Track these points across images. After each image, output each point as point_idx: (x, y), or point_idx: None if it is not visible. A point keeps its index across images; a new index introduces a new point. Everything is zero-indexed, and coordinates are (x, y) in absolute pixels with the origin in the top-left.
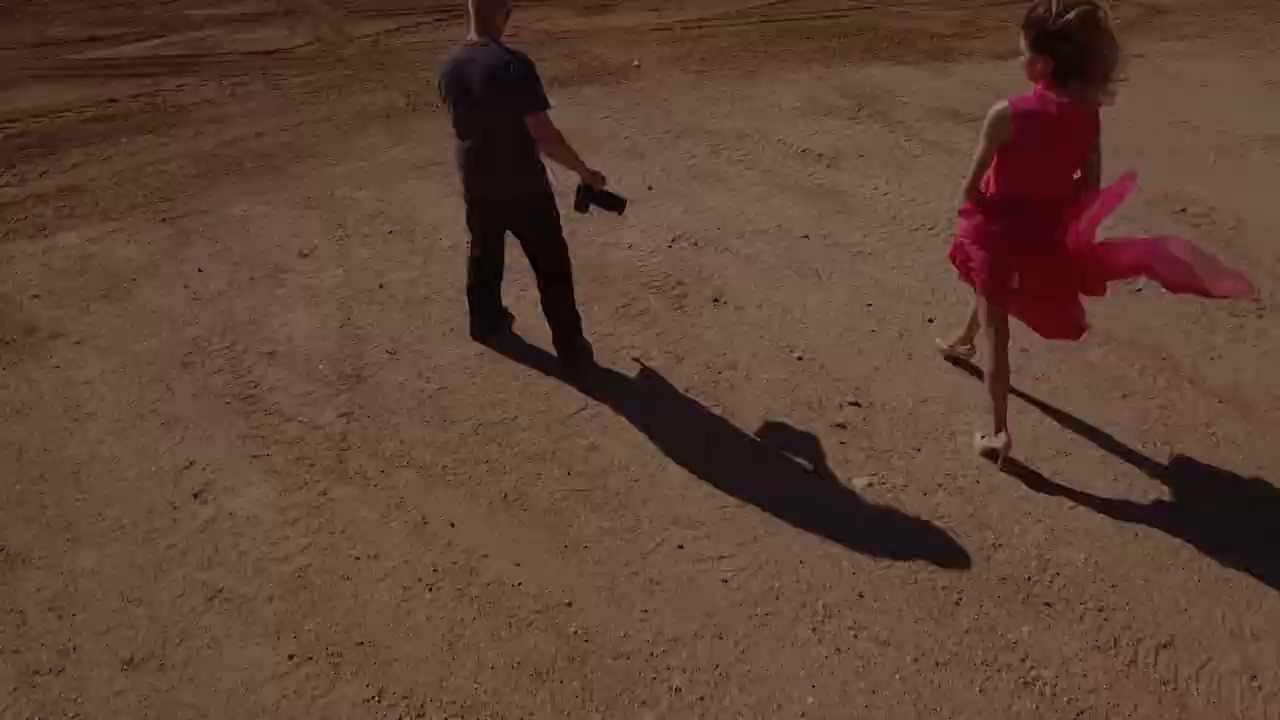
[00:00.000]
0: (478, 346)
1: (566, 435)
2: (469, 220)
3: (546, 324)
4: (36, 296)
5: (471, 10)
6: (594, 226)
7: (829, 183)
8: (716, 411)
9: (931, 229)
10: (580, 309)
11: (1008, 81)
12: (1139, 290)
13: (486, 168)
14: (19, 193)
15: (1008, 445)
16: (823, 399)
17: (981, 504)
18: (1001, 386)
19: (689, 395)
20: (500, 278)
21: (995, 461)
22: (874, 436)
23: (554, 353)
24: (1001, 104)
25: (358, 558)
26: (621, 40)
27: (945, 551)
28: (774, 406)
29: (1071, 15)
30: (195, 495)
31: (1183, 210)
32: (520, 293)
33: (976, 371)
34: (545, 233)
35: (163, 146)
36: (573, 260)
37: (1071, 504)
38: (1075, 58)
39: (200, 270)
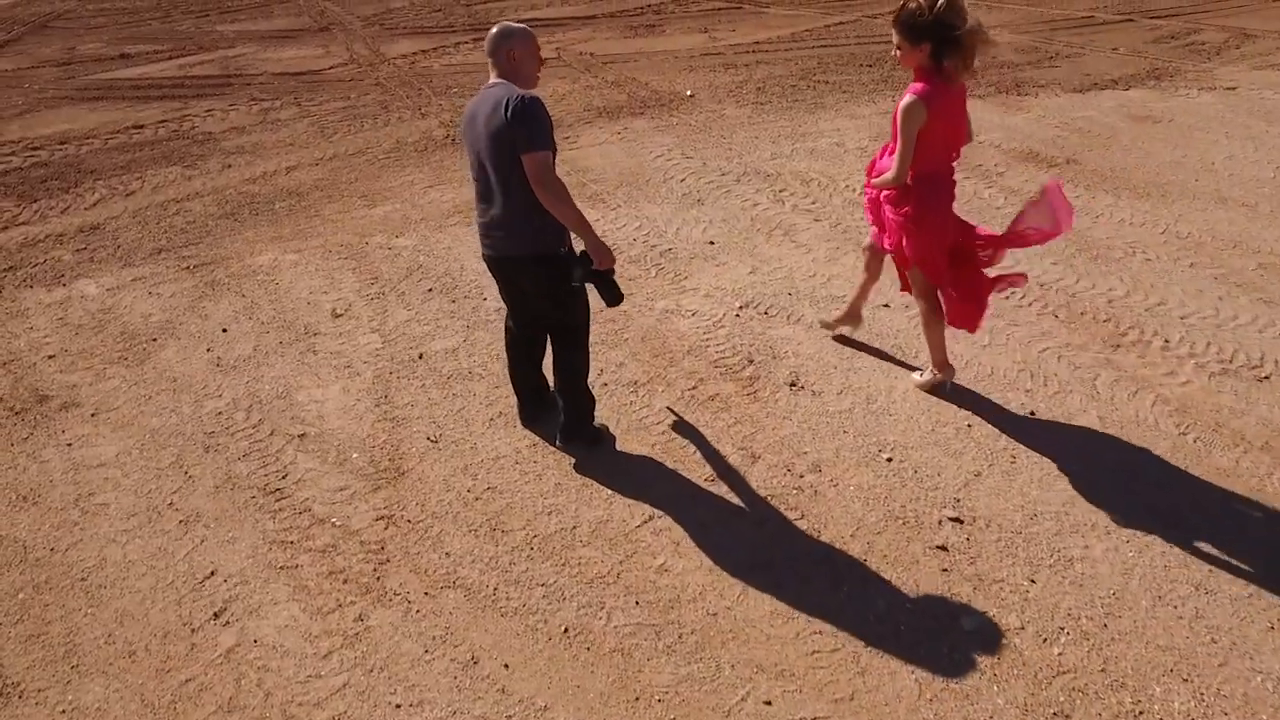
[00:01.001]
0: (528, 436)
1: (633, 553)
2: (500, 291)
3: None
4: (52, 357)
5: (487, 52)
6: (654, 288)
7: None
8: (801, 525)
9: (1022, 297)
10: (635, 390)
11: (1088, 119)
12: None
13: (494, 219)
14: (39, 231)
15: (950, 373)
16: (919, 513)
17: (1112, 655)
18: (939, 329)
19: (770, 503)
20: (541, 356)
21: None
22: (980, 563)
23: (615, 443)
24: (910, 97)
25: (399, 705)
26: (672, 66)
27: None
28: (865, 521)
29: (941, 4)
30: (216, 615)
31: None
32: None
33: (1091, 482)
34: (562, 300)
35: (188, 181)
36: (626, 329)
37: (1221, 660)
38: (949, 41)
39: (225, 331)
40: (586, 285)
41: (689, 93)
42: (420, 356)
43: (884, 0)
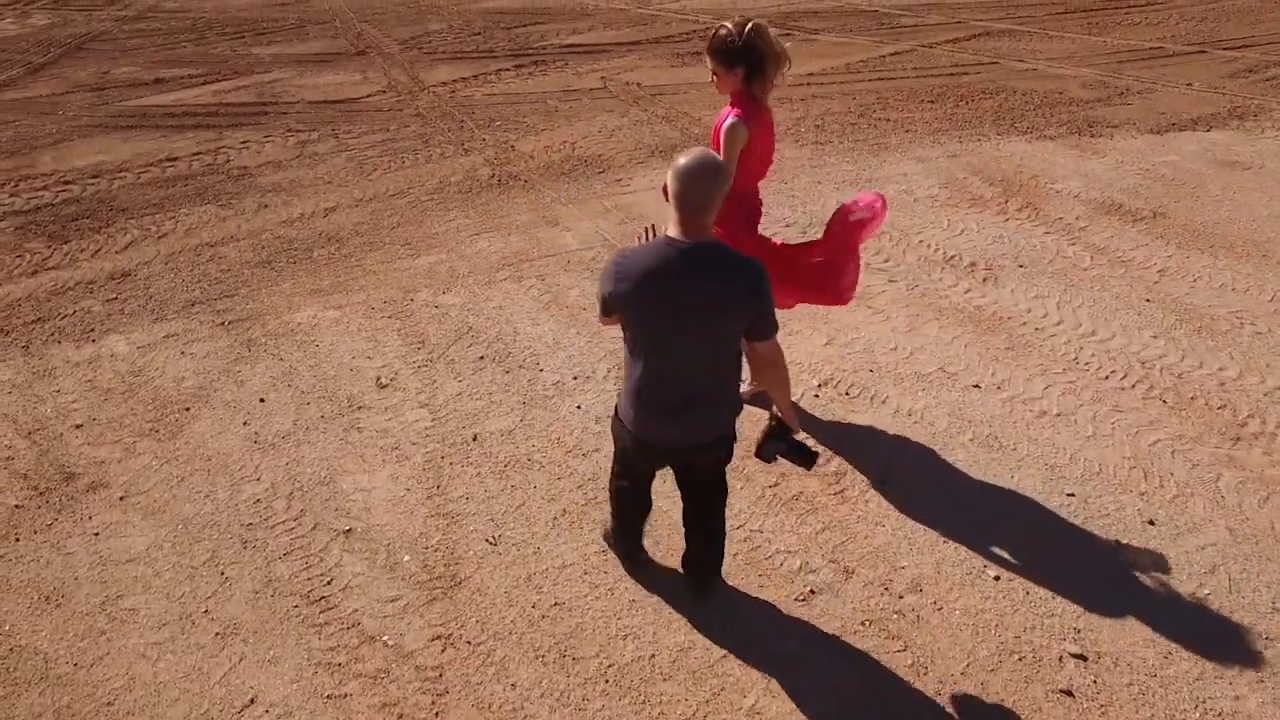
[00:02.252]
0: (596, 541)
1: (719, 690)
2: (624, 458)
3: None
4: (79, 426)
5: (679, 198)
6: None
7: (989, 305)
8: (905, 659)
9: (1124, 377)
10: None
11: (1171, 165)
12: None
13: (688, 405)
14: (69, 277)
15: None
16: (1036, 646)
17: None
18: None
19: (868, 630)
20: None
21: None
22: (1113, 713)
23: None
24: (733, 119)
25: None
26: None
27: None
28: (977, 655)
29: (750, 30)
30: None
31: None
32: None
33: (1231, 611)
34: (721, 475)
35: (223, 223)
36: None
37: None
38: (760, 64)
39: (262, 401)
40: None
41: None
42: (474, 438)
43: (936, 30)
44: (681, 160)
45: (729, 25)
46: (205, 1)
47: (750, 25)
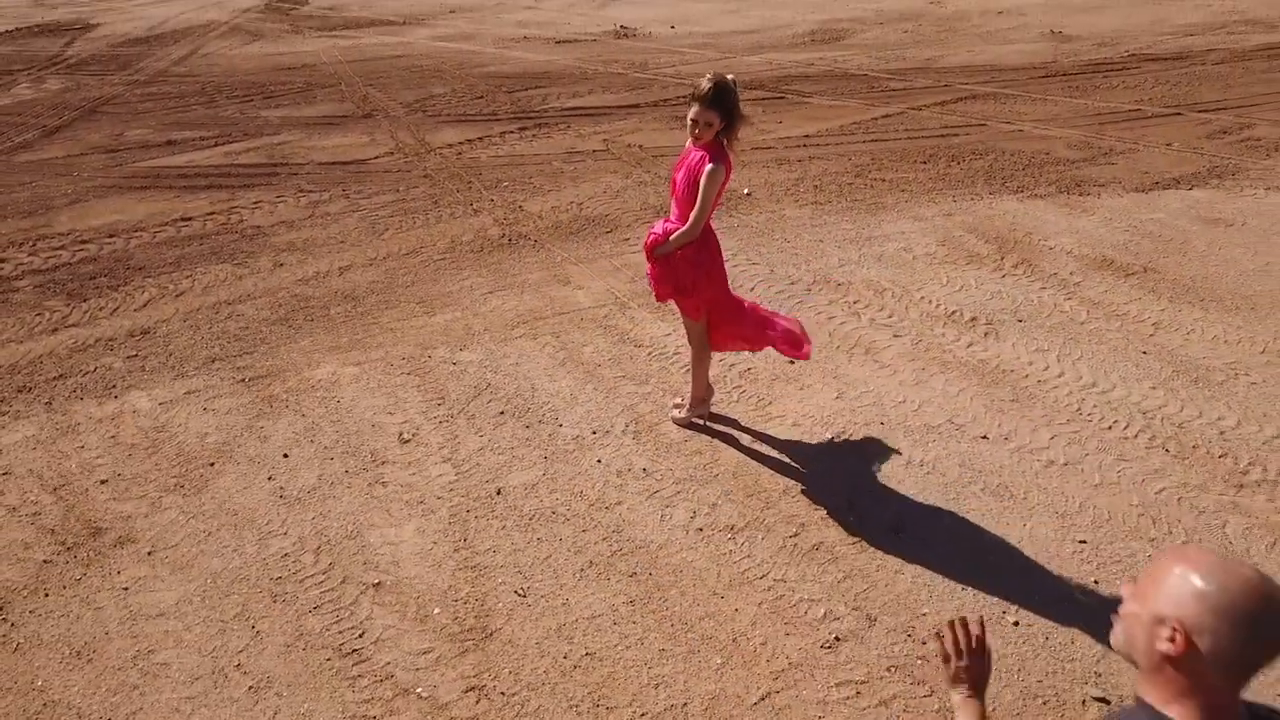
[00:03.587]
0: (623, 591)
1: None
2: None
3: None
4: (104, 482)
5: (1233, 658)
6: (739, 414)
7: (992, 358)
8: (932, 705)
9: (1126, 427)
10: (733, 536)
11: (1158, 222)
12: None
13: None
14: (88, 335)
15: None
16: (1059, 690)
17: None
18: (705, 367)
19: (894, 676)
20: None
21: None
22: None
23: (718, 595)
24: (713, 165)
25: None
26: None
27: None
28: (1001, 699)
29: (735, 85)
30: None
31: None
32: (667, 507)
33: None
34: None
35: (239, 281)
36: (716, 463)
37: None
38: (738, 116)
39: (286, 456)
40: None
41: (746, 191)
42: (498, 492)
43: (923, 93)
44: (1237, 589)
45: (725, 78)
46: (214, 66)
47: (733, 79)
